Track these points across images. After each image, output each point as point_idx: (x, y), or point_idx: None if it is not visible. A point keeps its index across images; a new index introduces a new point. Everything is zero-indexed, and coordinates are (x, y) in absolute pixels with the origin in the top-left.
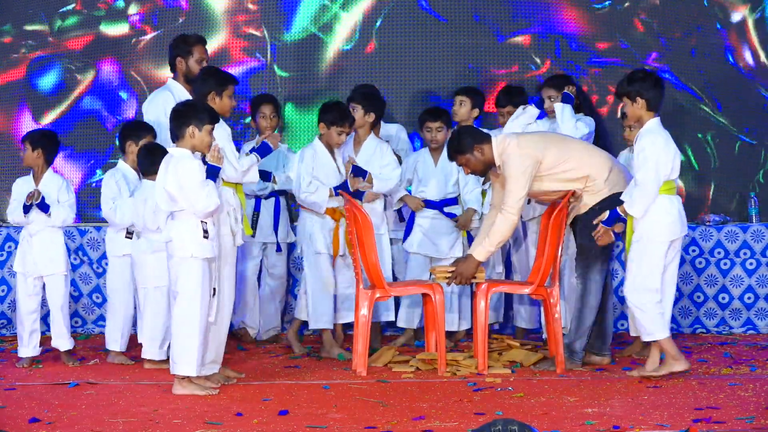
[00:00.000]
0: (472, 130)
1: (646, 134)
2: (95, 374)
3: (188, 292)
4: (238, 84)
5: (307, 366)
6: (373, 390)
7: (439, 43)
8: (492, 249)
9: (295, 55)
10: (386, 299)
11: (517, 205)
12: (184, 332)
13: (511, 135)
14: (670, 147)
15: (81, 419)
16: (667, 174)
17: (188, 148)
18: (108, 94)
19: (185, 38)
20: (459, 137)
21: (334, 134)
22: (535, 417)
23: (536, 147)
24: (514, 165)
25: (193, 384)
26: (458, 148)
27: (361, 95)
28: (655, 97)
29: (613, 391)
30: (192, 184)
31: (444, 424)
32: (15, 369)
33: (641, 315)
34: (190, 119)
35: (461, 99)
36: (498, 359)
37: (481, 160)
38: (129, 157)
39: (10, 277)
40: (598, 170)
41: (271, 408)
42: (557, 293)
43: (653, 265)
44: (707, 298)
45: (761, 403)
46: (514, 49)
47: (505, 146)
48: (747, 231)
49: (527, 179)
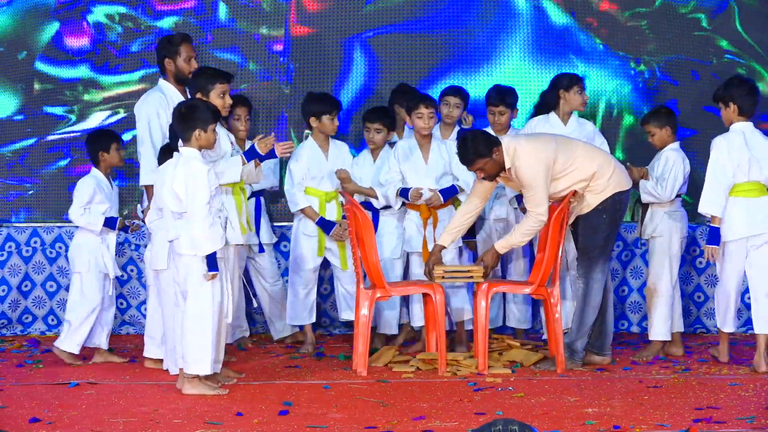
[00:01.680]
0: (483, 134)
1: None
2: (95, 374)
3: (198, 291)
4: (229, 82)
5: (308, 366)
6: (373, 390)
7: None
8: (516, 243)
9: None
10: (386, 299)
11: (543, 209)
12: (197, 331)
13: (519, 137)
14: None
15: (81, 419)
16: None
17: (196, 148)
18: None
19: (170, 39)
20: (474, 142)
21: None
22: (536, 417)
23: (547, 149)
24: (531, 173)
25: (203, 384)
26: (477, 152)
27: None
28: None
29: (613, 391)
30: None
31: (444, 424)
32: (15, 369)
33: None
34: (195, 122)
35: (456, 101)
36: (498, 359)
37: (498, 162)
38: (102, 164)
39: (10, 277)
40: (602, 170)
41: (271, 408)
42: (557, 293)
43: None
44: (707, 298)
45: (761, 403)
46: None
47: (515, 150)
48: None
49: (546, 185)
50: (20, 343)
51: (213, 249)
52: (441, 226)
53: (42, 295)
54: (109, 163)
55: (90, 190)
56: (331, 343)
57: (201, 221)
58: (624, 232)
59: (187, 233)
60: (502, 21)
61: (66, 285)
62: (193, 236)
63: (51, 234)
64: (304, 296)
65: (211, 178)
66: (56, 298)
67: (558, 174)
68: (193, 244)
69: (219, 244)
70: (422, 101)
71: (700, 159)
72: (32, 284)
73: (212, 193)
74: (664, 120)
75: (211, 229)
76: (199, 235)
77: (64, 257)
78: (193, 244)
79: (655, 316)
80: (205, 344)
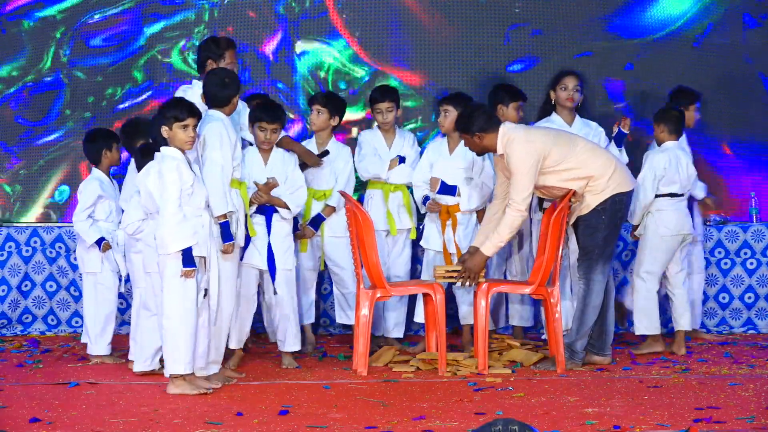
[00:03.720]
0: (485, 113)
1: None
2: (95, 374)
3: (170, 289)
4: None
5: (308, 366)
6: (373, 390)
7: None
8: (501, 243)
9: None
10: (386, 299)
11: (524, 201)
12: (171, 330)
13: (519, 127)
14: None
15: (81, 419)
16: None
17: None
18: None
19: (217, 41)
20: (470, 116)
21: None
22: (536, 417)
23: (543, 141)
24: (520, 160)
25: (186, 383)
26: (463, 126)
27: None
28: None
29: (613, 391)
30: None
31: (444, 424)
32: (15, 369)
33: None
34: (161, 120)
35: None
36: (498, 359)
37: (479, 145)
38: (104, 163)
39: (10, 277)
40: (602, 171)
41: (271, 408)
42: (557, 293)
43: None
44: (707, 298)
45: (761, 403)
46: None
47: (511, 136)
48: (747, 231)
49: (533, 175)
50: (20, 343)
51: (181, 246)
52: (460, 229)
53: (42, 295)
54: (110, 161)
55: (94, 192)
56: (331, 343)
57: (168, 218)
58: (624, 232)
59: (162, 231)
60: None
61: (66, 285)
62: (161, 234)
63: (51, 234)
64: (302, 296)
65: (184, 174)
66: (56, 298)
67: (547, 168)
68: (160, 242)
69: (190, 240)
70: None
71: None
72: (32, 284)
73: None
74: (659, 118)
75: (179, 226)
76: (165, 232)
77: (64, 257)
78: (160, 242)
79: (634, 311)
80: (180, 343)
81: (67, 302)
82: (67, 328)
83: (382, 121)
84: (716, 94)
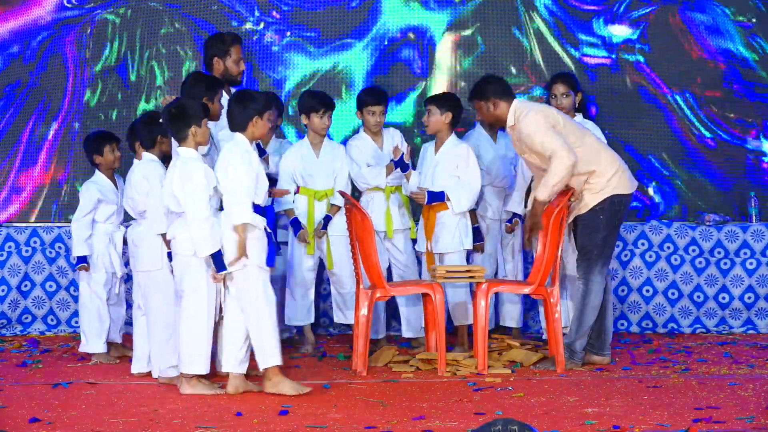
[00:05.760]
0: (500, 82)
1: None
2: (95, 374)
3: (194, 291)
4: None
5: (307, 366)
6: (372, 390)
7: None
8: (552, 187)
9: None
10: (386, 299)
11: (562, 149)
12: (192, 330)
13: (535, 104)
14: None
15: (81, 419)
16: None
17: (193, 147)
18: None
19: (222, 38)
20: (484, 83)
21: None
22: (535, 417)
23: (554, 114)
24: (533, 123)
25: (201, 384)
26: (477, 92)
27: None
28: None
29: (613, 391)
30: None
31: (444, 424)
32: (15, 369)
33: None
34: (190, 119)
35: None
36: (498, 359)
37: (492, 114)
38: (103, 165)
39: (10, 277)
40: (604, 168)
41: (271, 408)
42: (557, 293)
43: None
44: (707, 298)
45: (761, 403)
46: None
47: (522, 109)
48: (747, 231)
49: (552, 131)
50: (20, 343)
51: (213, 250)
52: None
53: (41, 295)
54: (110, 162)
55: (93, 197)
56: (331, 343)
57: (201, 222)
58: (624, 232)
59: (184, 233)
60: None
61: (66, 285)
62: (193, 237)
63: (51, 234)
64: (301, 296)
65: (210, 177)
66: (56, 298)
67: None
68: (192, 245)
69: (219, 244)
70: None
71: None
72: (32, 284)
73: (211, 193)
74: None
75: (213, 229)
76: (198, 236)
77: (64, 257)
78: (192, 244)
79: None
80: (201, 344)
81: (66, 302)
82: (67, 328)
83: (374, 123)
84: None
